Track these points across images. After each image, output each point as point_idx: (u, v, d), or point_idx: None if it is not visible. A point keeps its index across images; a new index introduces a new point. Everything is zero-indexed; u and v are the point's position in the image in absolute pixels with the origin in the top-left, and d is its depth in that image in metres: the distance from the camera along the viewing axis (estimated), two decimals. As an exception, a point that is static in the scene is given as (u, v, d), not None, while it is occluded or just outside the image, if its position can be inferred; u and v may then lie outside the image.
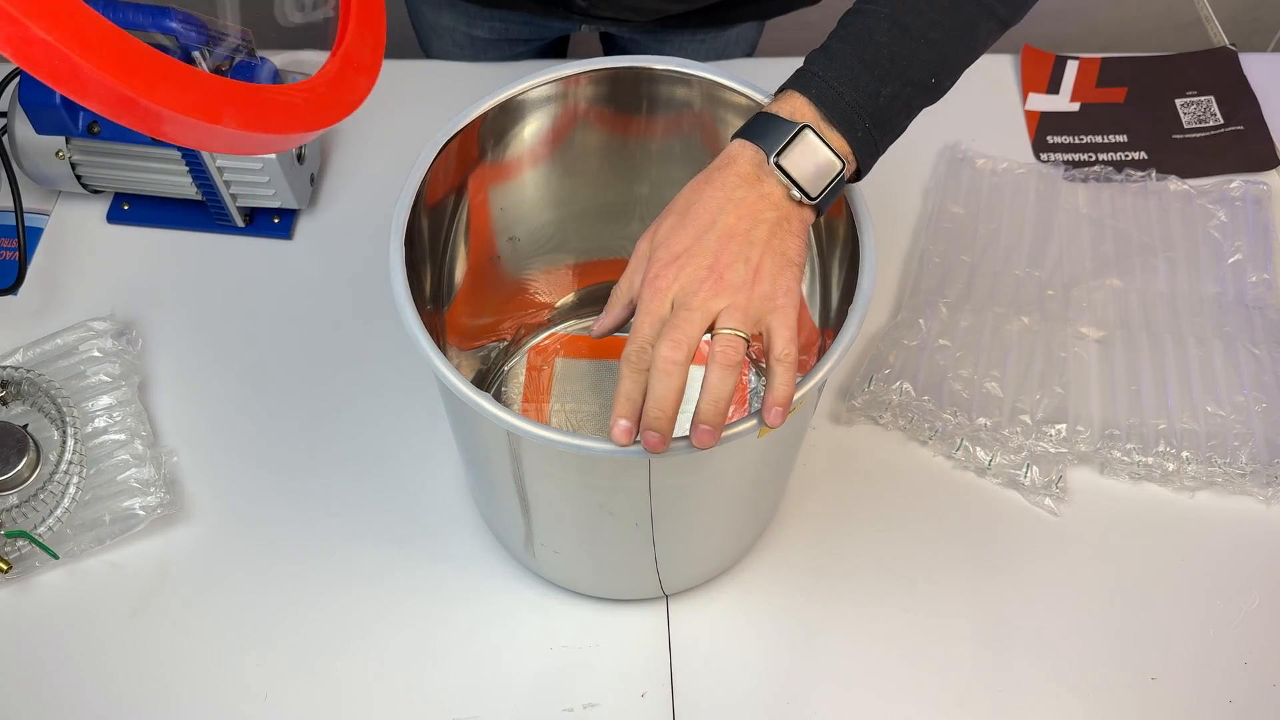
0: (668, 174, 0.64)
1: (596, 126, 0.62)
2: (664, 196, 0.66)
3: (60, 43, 0.36)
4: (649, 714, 0.62)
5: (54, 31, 0.36)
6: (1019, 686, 0.64)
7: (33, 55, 0.37)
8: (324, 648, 0.65)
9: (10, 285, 0.75)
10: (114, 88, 0.38)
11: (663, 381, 0.44)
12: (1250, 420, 0.72)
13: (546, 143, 0.61)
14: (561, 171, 0.64)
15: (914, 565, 0.68)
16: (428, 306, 0.58)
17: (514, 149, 0.61)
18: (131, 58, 0.39)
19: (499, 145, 0.60)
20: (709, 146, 0.62)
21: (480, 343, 0.71)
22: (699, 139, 0.62)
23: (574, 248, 0.71)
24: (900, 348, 0.74)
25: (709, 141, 0.61)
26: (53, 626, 0.65)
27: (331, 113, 0.50)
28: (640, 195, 0.67)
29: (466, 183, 0.60)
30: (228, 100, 0.43)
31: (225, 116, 0.42)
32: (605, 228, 0.69)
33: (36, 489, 0.67)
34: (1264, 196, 0.84)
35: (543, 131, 0.60)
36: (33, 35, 0.36)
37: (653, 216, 0.69)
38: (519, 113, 0.58)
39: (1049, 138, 0.89)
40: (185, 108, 0.41)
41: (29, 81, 0.73)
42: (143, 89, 0.39)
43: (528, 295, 0.73)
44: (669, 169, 0.64)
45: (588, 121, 0.61)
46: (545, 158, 0.63)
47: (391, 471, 0.71)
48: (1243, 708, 0.63)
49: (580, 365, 0.74)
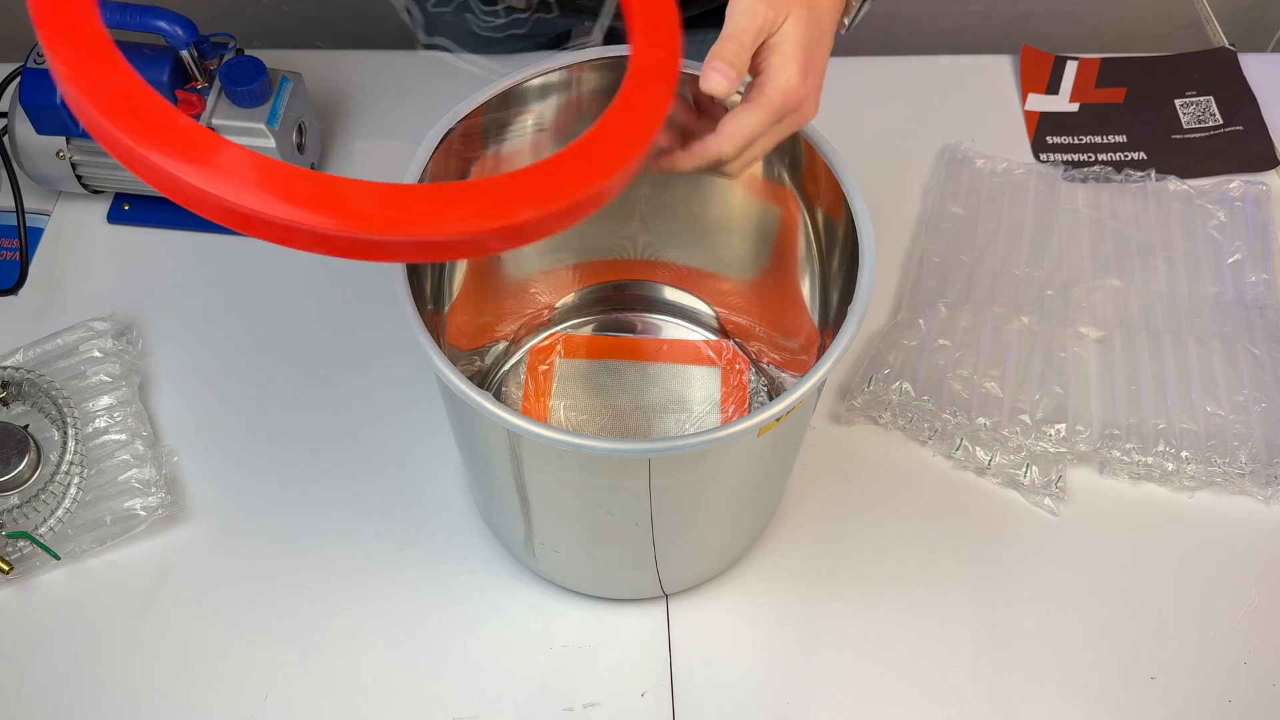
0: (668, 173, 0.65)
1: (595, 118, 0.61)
2: (663, 196, 0.67)
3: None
4: (649, 714, 0.63)
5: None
6: (1019, 686, 0.64)
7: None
8: (324, 647, 0.65)
9: (12, 285, 0.75)
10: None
11: None
12: (1250, 420, 0.72)
13: (548, 137, 0.61)
14: None
15: (913, 565, 0.68)
16: (428, 307, 0.58)
17: (515, 143, 0.60)
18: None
19: (500, 139, 0.59)
20: None
21: (480, 343, 0.71)
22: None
23: (574, 248, 0.71)
24: (900, 348, 0.74)
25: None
26: (53, 627, 0.65)
27: (640, 135, 0.45)
28: (640, 195, 0.67)
29: (468, 178, 0.59)
30: (519, 194, 0.41)
31: (519, 210, 0.40)
32: (605, 227, 0.69)
33: (37, 489, 0.67)
34: (1263, 197, 0.84)
35: (544, 125, 0.60)
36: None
37: (652, 216, 0.69)
38: (520, 103, 0.58)
39: (1048, 138, 0.89)
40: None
41: (29, 81, 0.73)
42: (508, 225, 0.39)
43: (528, 295, 0.73)
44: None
45: (591, 115, 0.61)
46: (547, 153, 0.63)
47: (392, 471, 0.71)
48: (1242, 707, 0.63)
49: (580, 365, 0.74)
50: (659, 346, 0.75)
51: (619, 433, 0.72)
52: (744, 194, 0.64)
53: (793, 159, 0.58)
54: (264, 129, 0.73)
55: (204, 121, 0.73)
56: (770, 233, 0.66)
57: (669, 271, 0.74)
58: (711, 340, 0.75)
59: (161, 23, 0.69)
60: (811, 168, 0.57)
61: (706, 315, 0.75)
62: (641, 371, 0.74)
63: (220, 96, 0.74)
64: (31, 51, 0.73)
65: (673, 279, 0.74)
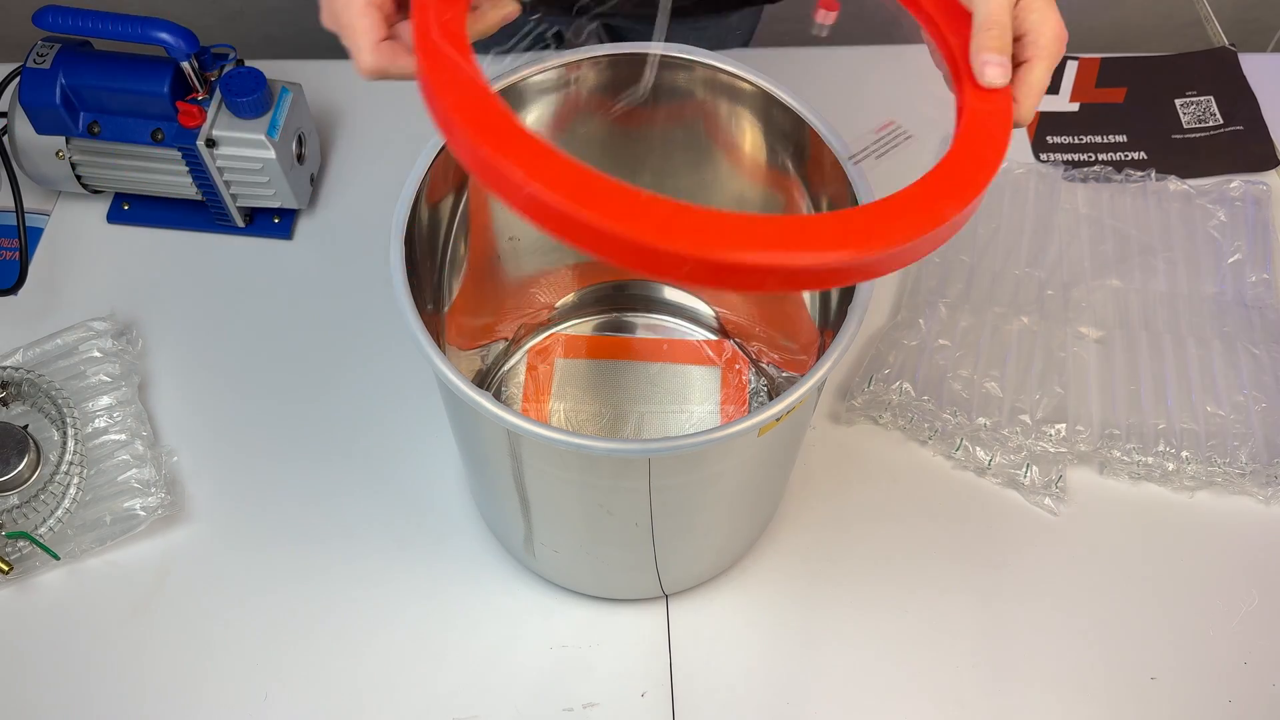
0: (670, 163, 0.64)
1: (598, 116, 0.61)
2: (666, 186, 0.66)
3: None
4: (649, 714, 0.63)
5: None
6: (1019, 686, 0.64)
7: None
8: (324, 648, 0.65)
9: (12, 286, 0.75)
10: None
11: None
12: (1250, 420, 0.72)
13: (548, 134, 0.61)
14: None
15: (913, 565, 0.68)
16: (428, 307, 0.58)
17: None
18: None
19: None
20: (711, 135, 0.61)
21: (480, 343, 0.71)
22: (701, 127, 0.61)
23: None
24: (900, 347, 0.74)
25: (711, 130, 0.61)
26: (53, 627, 0.65)
27: (982, 172, 0.45)
28: (642, 185, 0.66)
29: (467, 180, 0.59)
30: (877, 225, 0.40)
31: (875, 243, 0.40)
32: None
33: (37, 490, 0.67)
34: (1263, 196, 0.84)
35: (544, 122, 0.60)
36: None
37: None
38: (519, 101, 0.58)
39: (1048, 138, 0.89)
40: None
41: (29, 81, 0.73)
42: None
43: (528, 295, 0.73)
44: (671, 158, 0.63)
45: (589, 111, 0.61)
46: None
47: (392, 471, 0.71)
48: (1242, 707, 0.63)
49: (580, 365, 0.74)
50: (659, 346, 0.75)
51: (619, 433, 0.72)
52: (748, 184, 0.63)
53: (797, 147, 0.58)
54: (264, 140, 0.73)
55: (204, 133, 0.73)
56: None
57: None
58: (711, 340, 0.75)
59: (162, 34, 0.69)
60: (817, 157, 0.56)
61: (706, 315, 0.75)
62: (641, 371, 0.74)
63: (220, 107, 0.74)
64: (31, 51, 0.73)
65: None
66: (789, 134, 0.53)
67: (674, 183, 0.66)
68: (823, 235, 0.39)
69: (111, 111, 0.74)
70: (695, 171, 0.64)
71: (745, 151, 0.62)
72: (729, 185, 0.65)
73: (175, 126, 0.73)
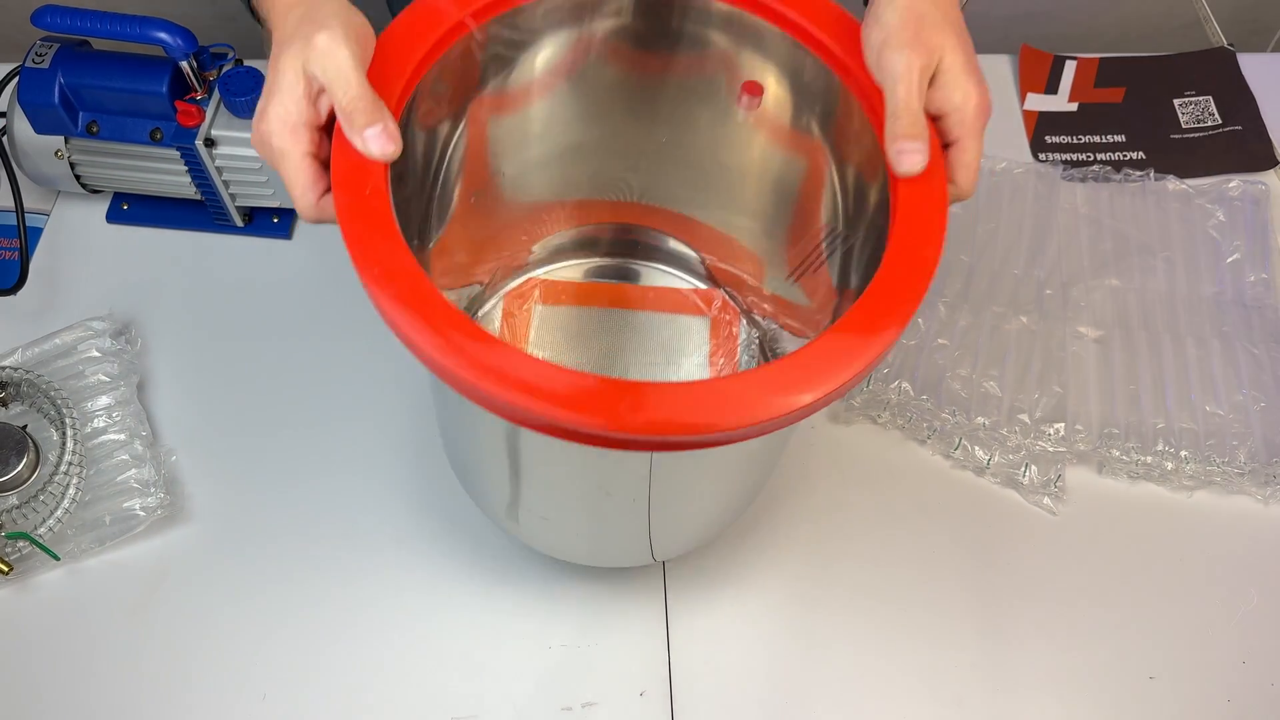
0: (689, 117, 0.60)
1: (611, 59, 0.57)
2: (684, 142, 0.62)
3: None
4: (648, 713, 0.63)
5: None
6: (1018, 685, 0.64)
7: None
8: (323, 647, 0.65)
9: (12, 286, 0.75)
10: None
11: None
12: (1249, 420, 0.72)
13: (555, 73, 0.57)
14: (567, 105, 0.60)
15: (912, 564, 0.68)
16: (413, 242, 0.53)
17: (520, 76, 0.56)
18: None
19: (502, 71, 0.56)
20: (733, 89, 0.57)
21: (455, 285, 0.67)
22: (723, 80, 0.57)
23: (573, 184, 0.67)
24: (899, 347, 0.74)
25: (733, 83, 0.57)
26: (53, 627, 0.65)
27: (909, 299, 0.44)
28: (659, 141, 0.63)
29: (466, 110, 0.56)
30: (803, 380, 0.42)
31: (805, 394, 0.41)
32: (608, 164, 0.65)
33: (36, 490, 0.67)
34: (1262, 196, 0.84)
35: (552, 60, 0.56)
36: None
37: (666, 156, 0.64)
38: (528, 27, 0.54)
39: (1047, 137, 0.89)
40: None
41: (28, 81, 0.73)
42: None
43: (507, 234, 0.68)
44: (690, 111, 0.60)
45: (602, 55, 0.57)
46: (551, 90, 0.58)
47: (391, 471, 0.71)
48: (1241, 707, 0.63)
49: (560, 312, 0.70)
50: (644, 294, 0.70)
51: None
52: (769, 145, 0.60)
53: (825, 106, 0.54)
54: (262, 139, 0.73)
55: (203, 132, 0.72)
56: (792, 187, 0.61)
57: (663, 217, 0.69)
58: (701, 289, 0.71)
59: (161, 34, 0.69)
60: (845, 121, 0.53)
61: (694, 262, 0.71)
62: (626, 320, 0.70)
63: (219, 107, 0.74)
64: (30, 51, 0.73)
65: (667, 225, 0.69)
66: (817, 92, 0.49)
67: (690, 136, 0.62)
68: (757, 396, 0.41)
69: (110, 111, 0.74)
70: (713, 128, 0.61)
71: (769, 108, 0.58)
72: (749, 146, 0.61)
73: (174, 126, 0.73)
